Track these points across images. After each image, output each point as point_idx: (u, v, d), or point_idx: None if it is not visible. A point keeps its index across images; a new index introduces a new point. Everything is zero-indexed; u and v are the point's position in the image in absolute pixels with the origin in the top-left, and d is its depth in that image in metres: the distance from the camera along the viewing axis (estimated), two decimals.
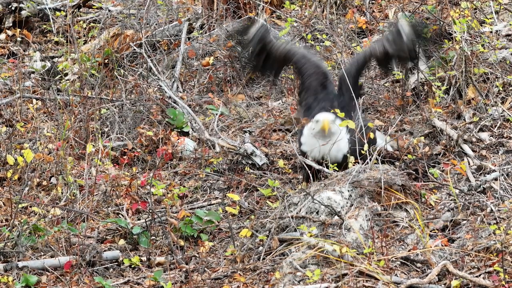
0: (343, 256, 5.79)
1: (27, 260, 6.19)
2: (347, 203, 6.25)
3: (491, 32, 8.42)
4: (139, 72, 8.88)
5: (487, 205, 6.37)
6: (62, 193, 6.97)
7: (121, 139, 7.86)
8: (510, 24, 8.77)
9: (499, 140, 7.38)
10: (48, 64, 9.35)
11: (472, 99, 7.84)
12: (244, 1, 9.50)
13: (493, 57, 8.04)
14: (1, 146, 7.52)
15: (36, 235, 6.39)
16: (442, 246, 5.99)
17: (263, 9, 9.43)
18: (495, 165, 6.96)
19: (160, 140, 7.70)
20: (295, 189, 6.84)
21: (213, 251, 6.38)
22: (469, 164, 7.03)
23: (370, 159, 6.47)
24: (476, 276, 5.69)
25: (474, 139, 7.37)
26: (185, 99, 8.36)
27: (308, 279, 5.69)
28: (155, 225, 6.56)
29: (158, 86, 8.49)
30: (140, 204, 6.76)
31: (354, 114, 6.75)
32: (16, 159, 6.95)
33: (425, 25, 7.35)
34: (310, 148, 6.75)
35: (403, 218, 6.30)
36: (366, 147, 6.55)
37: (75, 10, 10.55)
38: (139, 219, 6.78)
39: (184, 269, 6.08)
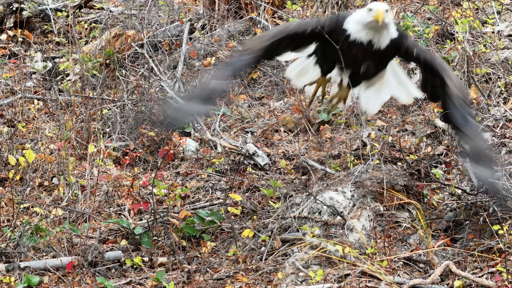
0: (345, 257, 5.78)
1: (29, 261, 6.19)
2: (349, 203, 6.24)
3: (493, 32, 8.41)
4: (140, 73, 8.87)
5: (490, 205, 6.36)
6: (64, 193, 6.96)
7: (123, 139, 7.86)
8: None
9: (501, 140, 7.36)
10: (50, 65, 9.34)
11: (474, 99, 7.83)
12: (246, 2, 9.49)
13: (495, 57, 8.03)
14: (3, 146, 7.51)
15: (38, 235, 6.38)
16: (445, 246, 5.98)
17: (264, 9, 9.42)
18: (498, 165, 6.94)
19: (162, 141, 7.69)
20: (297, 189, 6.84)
21: (215, 251, 6.37)
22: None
23: (372, 159, 6.46)
24: (479, 277, 5.68)
25: None
26: None
27: (311, 279, 5.69)
28: (157, 226, 6.55)
29: (160, 87, 8.48)
30: (142, 205, 6.75)
31: None
32: (17, 160, 6.95)
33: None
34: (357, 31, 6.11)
35: (405, 219, 6.29)
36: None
37: (76, 11, 10.55)
38: (141, 220, 6.77)
39: (186, 270, 6.07)
